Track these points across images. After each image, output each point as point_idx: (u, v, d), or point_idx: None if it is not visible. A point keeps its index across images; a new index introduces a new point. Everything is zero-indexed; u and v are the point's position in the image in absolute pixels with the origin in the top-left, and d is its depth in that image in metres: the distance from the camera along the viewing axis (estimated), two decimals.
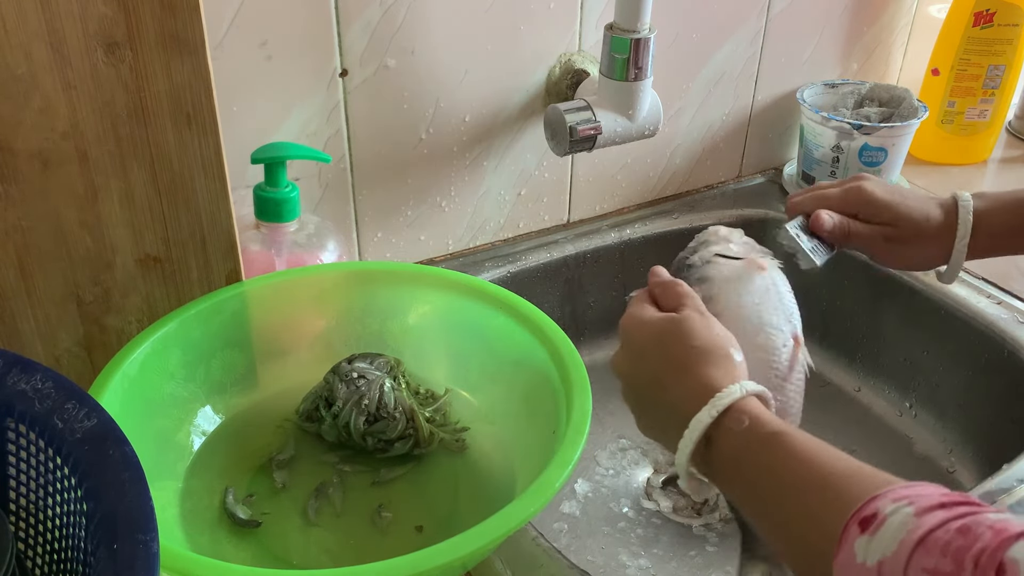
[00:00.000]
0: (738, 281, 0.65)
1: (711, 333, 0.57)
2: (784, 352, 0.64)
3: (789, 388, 0.64)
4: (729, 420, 0.52)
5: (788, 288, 0.66)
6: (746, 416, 0.52)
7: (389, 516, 0.63)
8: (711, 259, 0.66)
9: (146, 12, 0.59)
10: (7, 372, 0.44)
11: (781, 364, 0.63)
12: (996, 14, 1.10)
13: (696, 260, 0.67)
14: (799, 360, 0.64)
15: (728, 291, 0.64)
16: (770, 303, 0.64)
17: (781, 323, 0.64)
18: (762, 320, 0.64)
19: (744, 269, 0.65)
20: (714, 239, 0.68)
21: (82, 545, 0.41)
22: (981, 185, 1.15)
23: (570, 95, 0.92)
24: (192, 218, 0.66)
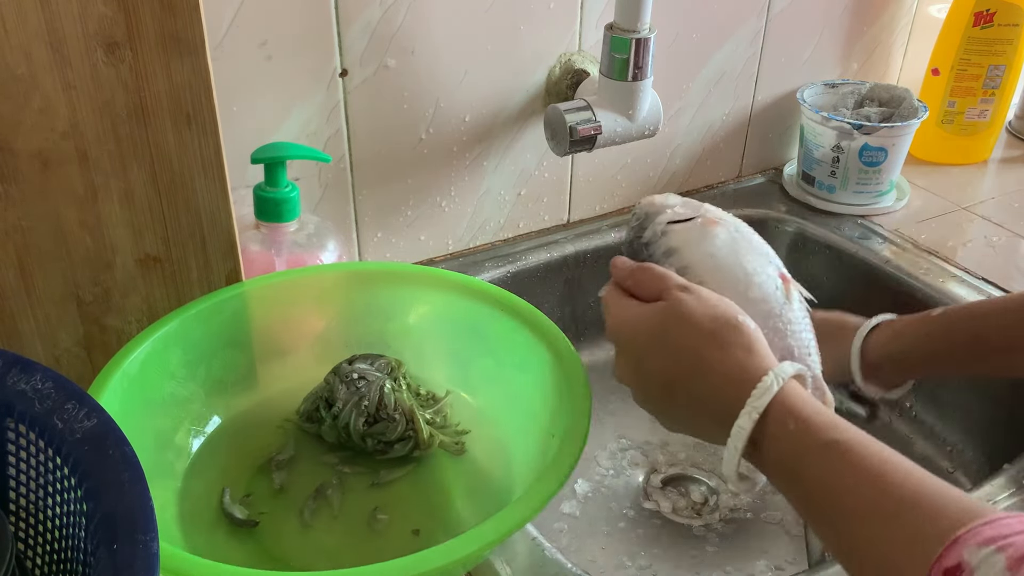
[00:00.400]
0: (704, 240, 0.60)
1: (710, 308, 0.53)
2: (778, 295, 0.59)
3: (797, 330, 0.59)
4: (772, 424, 0.48)
5: (750, 229, 0.62)
6: (790, 417, 0.48)
7: (385, 518, 0.63)
8: (665, 229, 0.61)
9: (146, 12, 0.59)
10: (7, 372, 0.44)
11: (781, 308, 0.59)
12: (996, 14, 1.10)
13: (649, 236, 0.61)
14: (795, 296, 0.60)
15: (699, 254, 0.59)
16: (743, 250, 0.60)
17: (763, 266, 0.60)
18: (745, 270, 0.59)
19: (703, 227, 0.60)
20: (655, 209, 0.62)
21: (82, 545, 0.41)
22: (981, 185, 1.15)
23: (570, 95, 0.92)
24: (192, 218, 0.66)
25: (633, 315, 0.55)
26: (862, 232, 1.02)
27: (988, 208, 1.09)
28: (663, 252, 0.60)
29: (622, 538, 0.83)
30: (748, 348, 0.51)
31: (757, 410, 0.48)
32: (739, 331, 0.52)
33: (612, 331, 0.56)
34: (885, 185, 1.07)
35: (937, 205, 1.10)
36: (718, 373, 0.51)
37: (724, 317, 0.52)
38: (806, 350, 0.60)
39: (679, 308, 0.53)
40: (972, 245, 1.01)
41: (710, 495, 0.86)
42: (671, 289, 0.54)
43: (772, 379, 0.49)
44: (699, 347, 0.52)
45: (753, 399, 0.49)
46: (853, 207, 1.07)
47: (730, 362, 0.51)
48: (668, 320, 0.53)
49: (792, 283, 0.60)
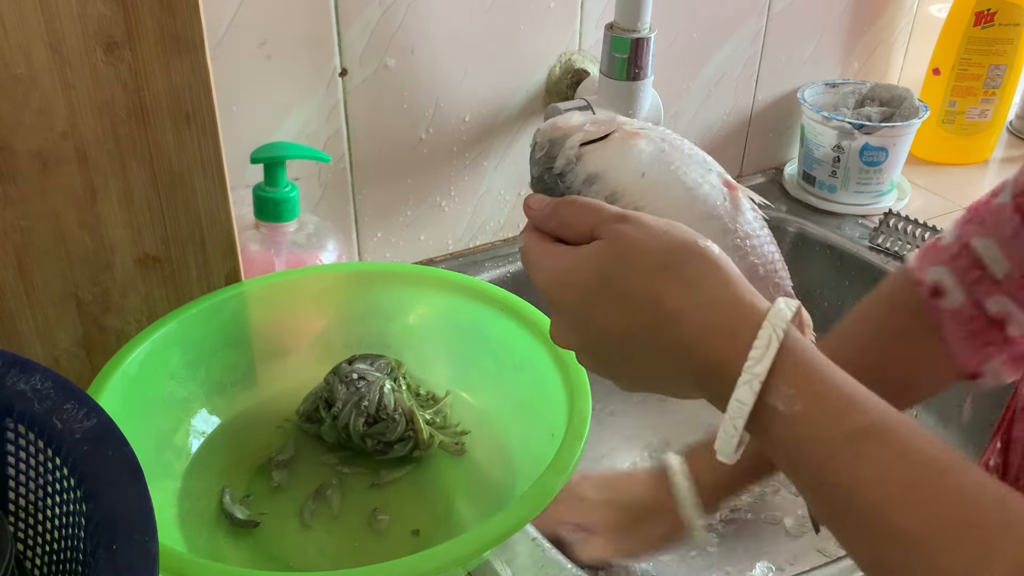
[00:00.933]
0: (628, 157, 0.50)
1: (658, 236, 0.43)
2: (726, 204, 0.50)
3: (758, 244, 0.51)
4: (775, 395, 0.39)
5: (678, 136, 0.53)
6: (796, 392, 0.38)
7: (386, 519, 0.63)
8: (579, 153, 0.51)
9: (145, 12, 0.58)
10: (6, 372, 0.44)
11: (733, 221, 0.50)
12: (997, 14, 1.10)
13: (562, 165, 0.51)
14: (744, 205, 0.50)
15: (627, 175, 0.50)
16: (677, 159, 0.51)
17: (703, 174, 0.51)
18: (685, 184, 0.50)
19: (622, 143, 0.51)
20: (560, 132, 0.52)
21: (81, 546, 0.41)
22: (982, 185, 1.15)
23: (570, 95, 0.92)
24: (191, 218, 0.66)
25: (564, 263, 0.44)
26: (863, 232, 1.02)
27: None
28: (583, 181, 0.50)
29: None
30: (721, 281, 0.42)
31: (759, 378, 0.39)
32: (704, 259, 0.42)
33: (543, 287, 0.45)
34: (886, 185, 1.07)
35: (938, 205, 1.10)
36: (687, 318, 0.41)
37: (680, 245, 0.42)
38: (772, 267, 0.51)
39: (620, 244, 0.43)
40: None
41: None
42: (605, 222, 0.44)
43: (769, 332, 0.39)
44: (655, 288, 0.42)
45: (751, 363, 0.39)
46: (854, 207, 1.07)
47: (701, 303, 0.41)
48: (609, 260, 0.43)
49: (740, 189, 0.51)
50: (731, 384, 0.39)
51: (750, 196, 0.51)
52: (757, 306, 0.41)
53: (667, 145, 0.51)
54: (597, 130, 0.51)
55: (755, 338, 0.39)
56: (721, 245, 0.45)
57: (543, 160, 0.52)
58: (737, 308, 0.41)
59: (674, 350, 0.42)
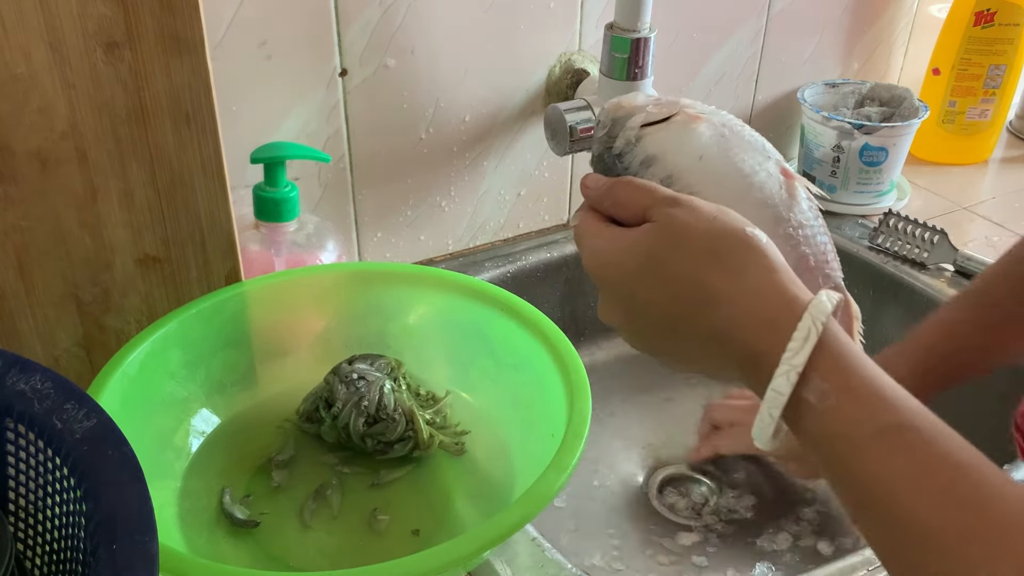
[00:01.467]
0: (687, 141, 0.50)
1: (708, 221, 0.43)
2: (782, 194, 0.50)
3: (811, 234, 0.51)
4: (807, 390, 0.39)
5: (739, 121, 0.53)
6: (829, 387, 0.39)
7: (386, 519, 0.63)
8: (639, 134, 0.51)
9: (145, 12, 0.58)
10: (6, 372, 0.44)
11: (787, 210, 0.50)
12: (997, 14, 1.10)
13: (621, 145, 0.51)
14: (800, 194, 0.51)
15: (684, 158, 0.50)
16: (736, 146, 0.51)
17: (762, 163, 0.51)
18: (741, 171, 0.50)
19: (683, 126, 0.51)
20: (624, 112, 0.52)
21: (81, 546, 0.41)
22: (982, 184, 1.15)
23: (570, 95, 0.92)
24: (191, 218, 0.66)
25: (616, 243, 0.46)
26: (863, 232, 1.02)
27: (989, 208, 1.09)
28: (640, 162, 0.50)
29: (622, 538, 0.83)
30: (767, 268, 0.42)
31: (796, 369, 0.39)
32: (750, 247, 0.43)
33: (592, 265, 0.47)
34: (886, 185, 1.07)
35: (938, 205, 1.10)
36: (731, 304, 0.42)
37: (728, 231, 0.43)
38: (823, 257, 0.51)
39: (671, 226, 0.44)
40: (973, 245, 1.01)
41: (710, 496, 0.86)
42: (657, 205, 0.45)
43: (809, 324, 0.39)
44: (701, 273, 0.43)
45: (790, 354, 0.39)
46: (854, 207, 1.07)
47: (745, 290, 0.42)
48: (659, 243, 0.44)
49: (797, 178, 0.51)
50: (770, 372, 0.40)
51: (806, 186, 0.51)
52: (800, 297, 0.41)
53: (727, 130, 0.51)
54: (659, 112, 0.51)
55: (795, 329, 0.40)
56: (773, 233, 0.46)
57: (604, 139, 0.53)
58: (779, 297, 0.41)
59: (716, 334, 0.42)
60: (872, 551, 0.40)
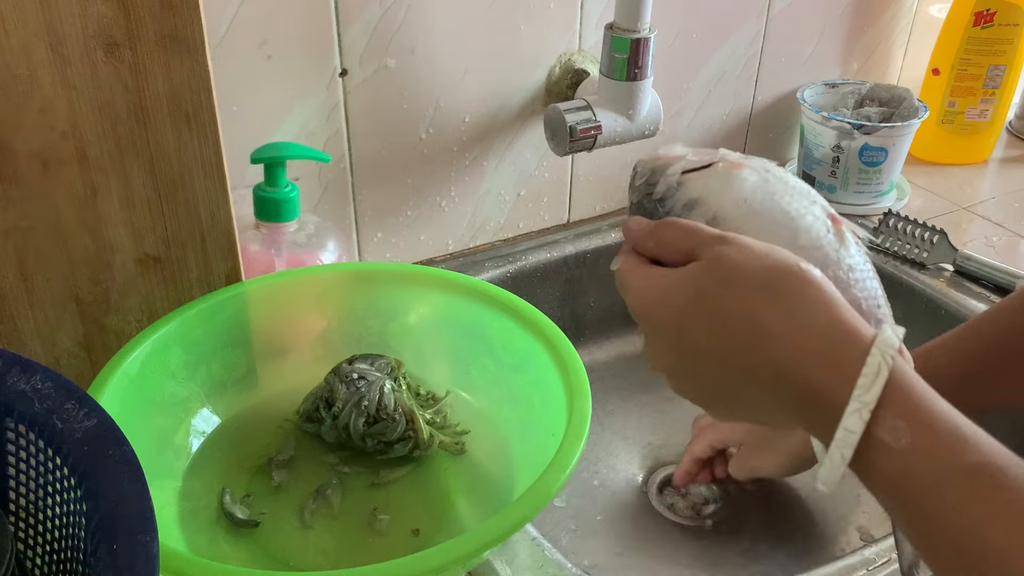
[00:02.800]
0: (731, 185, 0.49)
1: (760, 257, 0.42)
2: (829, 236, 0.49)
3: (861, 277, 0.49)
4: (882, 427, 0.38)
5: (782, 169, 0.52)
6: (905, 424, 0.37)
7: (386, 519, 0.63)
8: (681, 180, 0.50)
9: (146, 12, 0.59)
10: (7, 372, 0.44)
11: (837, 253, 0.49)
12: (996, 14, 1.10)
13: (663, 191, 0.51)
14: (849, 238, 0.50)
15: (729, 201, 0.49)
16: (780, 190, 0.50)
17: (807, 205, 0.50)
18: (788, 215, 0.48)
19: (726, 171, 0.50)
20: (661, 163, 0.52)
21: (81, 545, 0.41)
22: (981, 185, 1.15)
23: (570, 95, 0.92)
24: (192, 218, 0.66)
25: (662, 284, 0.44)
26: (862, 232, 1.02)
27: (988, 208, 1.09)
28: (683, 206, 0.50)
29: (622, 538, 0.83)
30: (824, 303, 0.40)
31: (868, 407, 0.37)
32: (805, 282, 0.41)
33: (638, 308, 0.45)
34: (885, 185, 1.07)
35: (937, 205, 1.10)
36: (789, 341, 0.40)
37: (781, 266, 0.41)
38: (874, 302, 0.50)
39: (721, 264, 0.42)
40: (972, 245, 1.01)
41: (710, 496, 0.86)
42: (705, 244, 0.43)
43: (878, 359, 0.38)
44: (756, 309, 0.41)
45: (860, 391, 0.38)
46: (853, 207, 1.07)
47: (803, 325, 0.40)
48: (709, 280, 0.42)
49: (844, 222, 0.51)
50: (834, 411, 0.38)
51: (853, 230, 0.50)
52: (861, 331, 0.40)
53: (771, 175, 0.50)
54: (700, 159, 0.51)
55: (863, 364, 0.38)
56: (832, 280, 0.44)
57: (643, 187, 0.52)
58: (841, 332, 0.40)
59: (773, 374, 0.41)
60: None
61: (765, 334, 0.40)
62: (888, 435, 0.37)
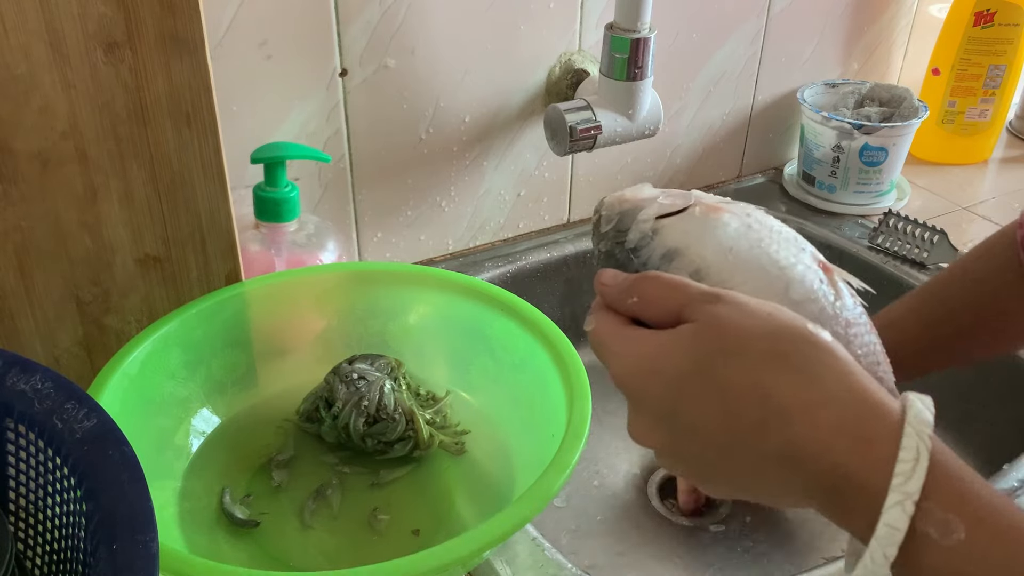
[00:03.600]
0: (712, 232, 0.45)
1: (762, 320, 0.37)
2: (824, 288, 0.45)
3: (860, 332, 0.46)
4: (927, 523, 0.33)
5: (764, 212, 0.48)
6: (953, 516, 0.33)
7: (386, 519, 0.63)
8: (655, 227, 0.46)
9: (146, 12, 0.58)
10: (7, 372, 0.44)
11: (833, 305, 0.45)
12: (996, 14, 1.10)
13: (636, 239, 0.46)
14: (843, 290, 0.46)
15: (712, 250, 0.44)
16: (766, 237, 0.46)
17: (796, 254, 0.46)
18: (778, 263, 0.44)
19: (704, 217, 0.45)
20: (631, 205, 0.47)
21: (81, 545, 0.41)
22: (982, 184, 1.15)
23: (570, 95, 0.92)
24: (192, 218, 0.66)
25: (650, 350, 0.39)
26: (862, 232, 1.02)
27: (988, 208, 1.09)
28: (661, 256, 0.45)
29: (622, 538, 0.83)
30: (843, 372, 0.36)
31: (911, 498, 0.33)
32: (818, 347, 0.36)
33: (622, 374, 0.40)
34: (885, 185, 1.07)
35: (937, 205, 1.10)
36: (807, 418, 0.35)
37: (789, 330, 0.37)
38: (874, 359, 0.47)
39: (717, 327, 0.37)
40: (972, 245, 1.00)
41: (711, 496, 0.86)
42: (696, 302, 0.39)
43: (915, 441, 0.33)
44: (765, 381, 0.36)
45: (900, 479, 0.33)
46: (853, 207, 1.07)
47: (823, 400, 0.35)
48: (706, 346, 0.37)
49: (835, 271, 0.47)
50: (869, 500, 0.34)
51: (846, 279, 0.47)
52: (888, 404, 0.35)
53: (753, 220, 0.46)
54: (673, 203, 0.46)
55: (896, 444, 0.34)
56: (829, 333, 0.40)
57: (612, 234, 0.48)
58: (866, 407, 0.35)
59: (785, 454, 0.36)
60: None
61: (778, 410, 0.36)
62: (935, 530, 0.33)
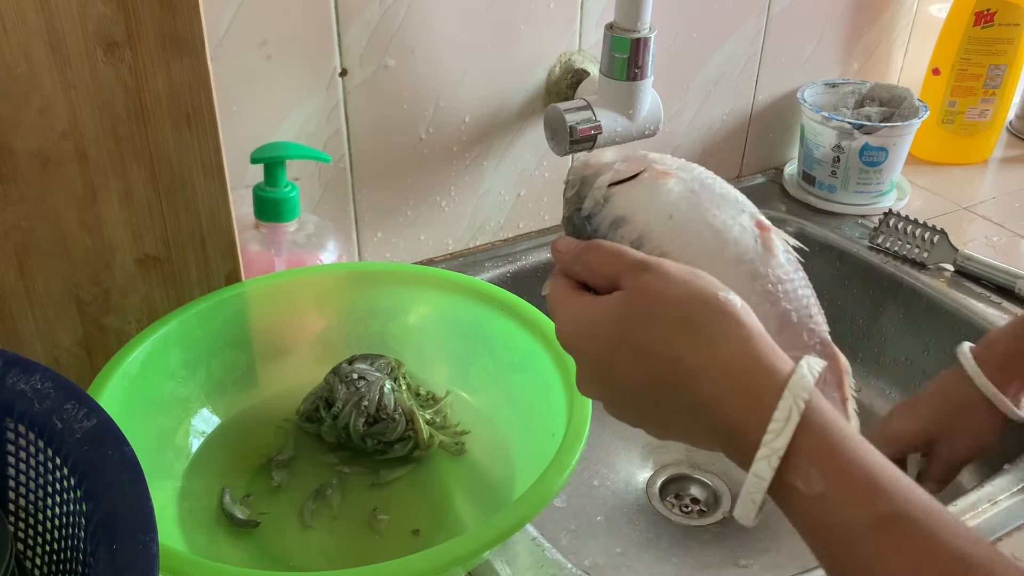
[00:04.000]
0: (656, 199, 0.47)
1: (679, 287, 0.41)
2: (758, 248, 0.47)
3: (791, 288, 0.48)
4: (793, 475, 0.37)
5: (711, 174, 0.50)
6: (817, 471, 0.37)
7: (386, 519, 0.63)
8: (607, 194, 0.48)
9: (146, 12, 0.59)
10: (7, 372, 0.44)
11: (764, 265, 0.47)
12: (997, 14, 1.10)
13: (590, 206, 0.49)
14: (778, 247, 0.48)
15: (655, 217, 0.47)
16: (707, 200, 0.48)
17: (734, 215, 0.48)
18: (713, 227, 0.47)
19: (651, 183, 0.48)
20: (591, 171, 0.50)
21: (81, 545, 0.41)
22: (982, 184, 1.15)
23: (570, 95, 0.92)
24: (192, 218, 0.66)
25: (588, 314, 0.43)
26: (862, 232, 1.02)
27: (988, 208, 1.09)
28: (610, 224, 0.48)
29: (622, 538, 0.83)
30: (742, 338, 0.40)
31: (777, 453, 0.37)
32: (724, 314, 0.40)
33: (565, 335, 0.45)
34: (886, 185, 1.07)
35: (938, 205, 1.10)
36: (708, 378, 0.40)
37: (700, 297, 0.41)
38: (806, 312, 0.48)
39: (642, 294, 0.42)
40: (973, 245, 1.01)
41: (711, 496, 0.86)
42: (627, 270, 0.43)
43: (789, 402, 0.38)
44: (676, 345, 0.40)
45: (771, 436, 0.37)
46: (853, 207, 1.07)
47: (721, 362, 0.40)
48: (630, 313, 0.42)
49: (773, 231, 0.49)
50: (750, 451, 0.38)
51: (784, 238, 0.49)
52: (779, 368, 0.39)
53: (697, 184, 0.49)
54: (627, 169, 0.49)
55: (775, 408, 0.38)
56: (751, 290, 0.45)
57: (573, 199, 0.51)
58: (758, 369, 0.39)
59: (695, 408, 0.40)
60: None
61: (684, 369, 0.40)
62: (800, 481, 0.37)
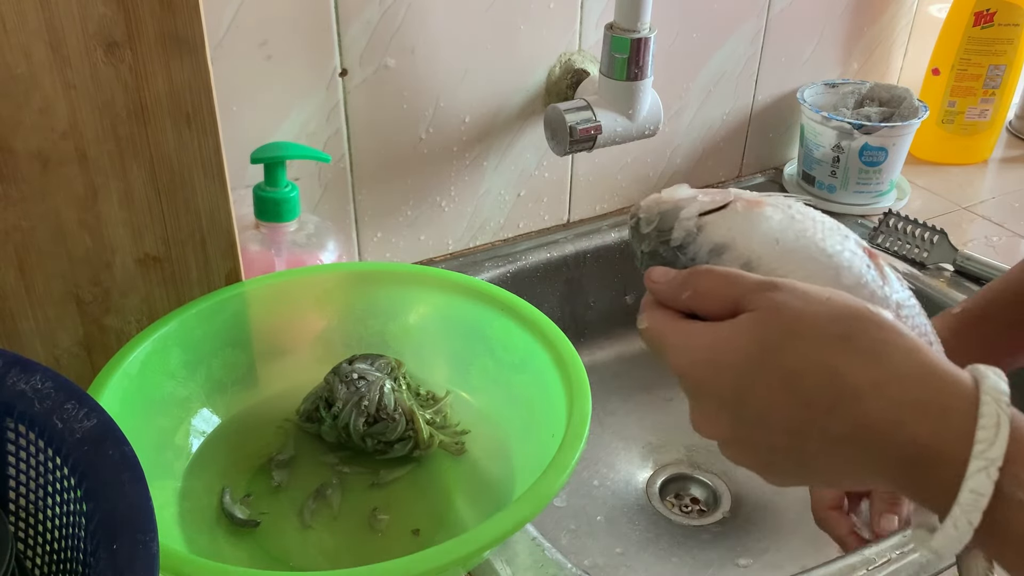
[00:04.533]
0: (757, 226, 0.45)
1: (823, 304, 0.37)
2: (871, 272, 0.46)
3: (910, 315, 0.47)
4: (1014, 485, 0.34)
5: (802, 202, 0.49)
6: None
7: (386, 519, 0.63)
8: (700, 223, 0.46)
9: (146, 12, 0.59)
10: (7, 372, 0.44)
11: (883, 290, 0.45)
12: (996, 14, 1.10)
13: (680, 237, 0.46)
14: (890, 274, 0.47)
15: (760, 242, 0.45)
16: (811, 228, 0.46)
17: (842, 242, 0.46)
18: (825, 251, 0.45)
19: (746, 211, 0.46)
20: (671, 206, 0.48)
21: (81, 545, 0.41)
22: (981, 184, 1.15)
23: (570, 95, 0.92)
24: (192, 218, 0.66)
25: (710, 340, 0.39)
26: (862, 232, 1.02)
27: (988, 208, 1.09)
28: (709, 251, 0.46)
29: (623, 538, 0.83)
30: (909, 349, 0.36)
31: (995, 463, 0.33)
32: (882, 327, 0.37)
33: (683, 367, 0.40)
34: (885, 185, 1.07)
35: (937, 205, 1.10)
36: (879, 394, 0.36)
37: (851, 313, 0.37)
38: (927, 339, 0.47)
39: (781, 314, 0.38)
40: (973, 245, 1.01)
41: (711, 496, 0.86)
42: (753, 291, 0.39)
43: (994, 408, 0.34)
44: (834, 362, 0.36)
45: (983, 446, 0.34)
46: (853, 207, 1.07)
47: (894, 376, 0.36)
48: (772, 334, 0.38)
49: (880, 257, 0.47)
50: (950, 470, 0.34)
51: (891, 263, 0.47)
52: (959, 376, 0.36)
53: (795, 211, 0.47)
54: (713, 200, 0.47)
55: (974, 415, 0.34)
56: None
57: (655, 234, 0.48)
58: (937, 380, 0.36)
59: (858, 433, 0.36)
60: None
61: (848, 390, 0.36)
62: (1021, 491, 0.34)
